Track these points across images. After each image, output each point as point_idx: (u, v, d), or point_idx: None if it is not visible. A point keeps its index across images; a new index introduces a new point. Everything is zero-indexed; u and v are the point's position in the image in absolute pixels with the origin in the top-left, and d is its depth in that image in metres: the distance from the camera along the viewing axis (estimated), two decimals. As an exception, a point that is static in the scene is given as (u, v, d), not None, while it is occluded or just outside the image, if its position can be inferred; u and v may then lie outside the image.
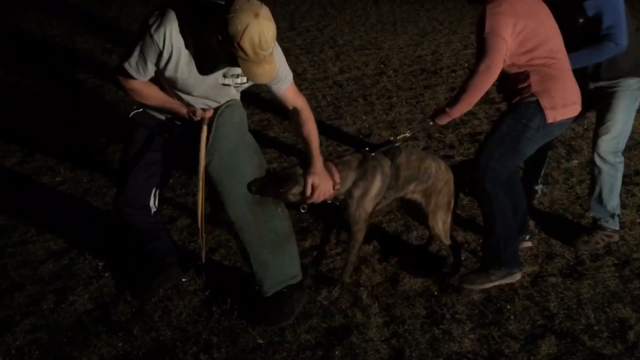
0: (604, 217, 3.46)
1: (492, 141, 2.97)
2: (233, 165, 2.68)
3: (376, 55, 7.66)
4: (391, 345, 2.78)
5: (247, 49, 2.22)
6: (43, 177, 4.43)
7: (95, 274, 3.30)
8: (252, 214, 2.75)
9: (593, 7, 3.07)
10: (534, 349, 2.71)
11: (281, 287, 2.89)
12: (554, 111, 2.87)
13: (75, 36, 8.41)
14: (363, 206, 3.00)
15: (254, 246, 2.80)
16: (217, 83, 2.57)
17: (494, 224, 3.02)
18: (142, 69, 2.47)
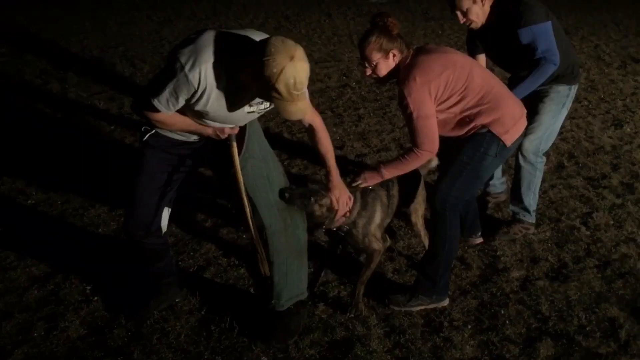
0: (521, 212, 3.70)
1: (452, 170, 2.98)
2: (265, 172, 2.78)
3: (337, 67, 7.73)
4: (395, 355, 2.81)
5: (281, 90, 2.24)
6: (14, 200, 4.28)
7: (84, 298, 3.21)
8: (282, 220, 2.83)
9: (527, 36, 3.26)
10: (533, 352, 2.80)
11: (295, 302, 2.93)
12: (509, 134, 2.92)
13: (26, 53, 8.18)
14: (370, 232, 3.09)
15: (281, 254, 2.87)
16: (244, 112, 2.59)
17: (442, 248, 3.04)
18: (172, 105, 2.46)
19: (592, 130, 5.36)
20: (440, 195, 2.98)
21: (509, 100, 2.99)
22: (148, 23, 10.27)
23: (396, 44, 2.85)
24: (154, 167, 2.78)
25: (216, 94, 2.43)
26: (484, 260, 3.52)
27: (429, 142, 2.85)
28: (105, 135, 5.53)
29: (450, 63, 2.85)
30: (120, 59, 8.03)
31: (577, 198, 4.18)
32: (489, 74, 3.01)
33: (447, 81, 2.81)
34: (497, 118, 2.89)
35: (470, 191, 3.14)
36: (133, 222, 2.84)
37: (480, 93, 2.89)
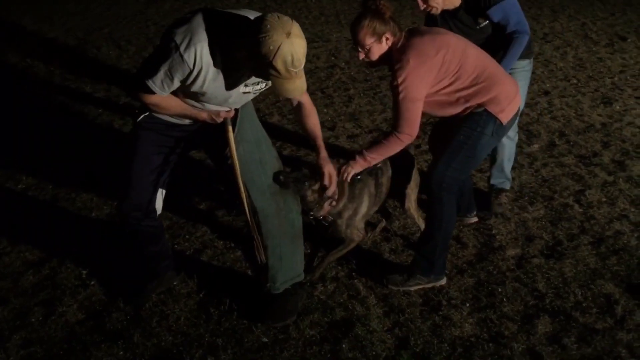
0: (504, 181, 3.90)
1: (449, 151, 2.97)
2: (257, 156, 2.76)
3: (325, 47, 7.68)
4: (395, 334, 2.83)
5: (279, 67, 2.20)
6: (4, 185, 4.22)
7: (81, 283, 3.20)
8: (275, 204, 2.81)
9: (499, 13, 3.32)
10: (531, 328, 2.82)
11: (290, 285, 2.92)
12: (504, 112, 2.92)
13: (9, 37, 8.04)
14: (354, 225, 3.14)
15: (274, 237, 2.85)
16: (239, 92, 2.56)
17: (438, 228, 3.05)
18: (167, 86, 2.42)
19: (581, 109, 5.38)
20: (437, 176, 2.98)
21: (504, 79, 2.98)
22: (133, 4, 10.12)
23: (389, 27, 2.82)
24: (147, 149, 2.75)
25: (212, 74, 2.40)
26: (479, 239, 3.54)
27: (410, 126, 2.84)
28: (93, 118, 5.46)
29: (443, 44, 2.82)
30: (106, 41, 7.92)
31: (569, 176, 4.20)
32: (483, 54, 2.99)
33: (441, 62, 2.79)
34: (492, 97, 2.89)
35: (466, 171, 3.14)
36: (127, 204, 2.81)
37: (474, 73, 2.88)
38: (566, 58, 6.88)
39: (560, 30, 8.11)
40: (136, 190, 2.78)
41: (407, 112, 2.80)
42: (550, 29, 8.19)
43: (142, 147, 2.74)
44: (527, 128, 5.01)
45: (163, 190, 2.86)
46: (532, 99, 5.60)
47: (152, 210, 2.86)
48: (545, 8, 9.36)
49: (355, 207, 3.11)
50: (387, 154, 2.96)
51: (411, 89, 2.76)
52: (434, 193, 3.01)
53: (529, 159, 4.47)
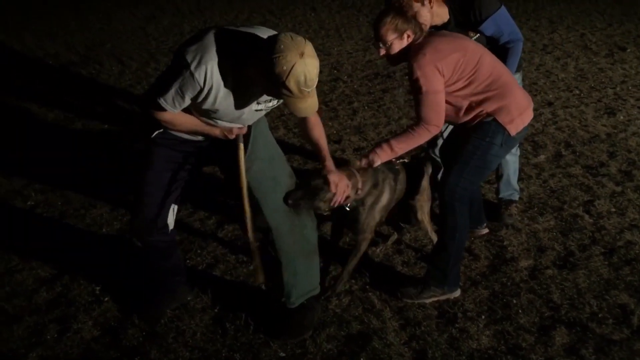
0: (512, 193, 3.92)
1: (459, 161, 2.99)
2: (270, 173, 2.75)
3: (327, 61, 7.72)
4: (412, 347, 2.82)
5: (292, 87, 2.21)
6: (13, 202, 4.22)
7: (94, 299, 3.18)
8: (289, 221, 2.81)
9: (491, 26, 3.38)
10: (549, 340, 2.82)
11: (305, 298, 2.92)
12: (514, 124, 2.93)
13: (12, 54, 8.06)
14: (373, 215, 3.11)
15: (289, 254, 2.84)
16: (252, 110, 2.57)
17: (452, 239, 3.05)
18: (178, 104, 2.44)
19: (585, 119, 5.42)
20: (448, 186, 2.99)
21: (516, 90, 3.00)
22: (132, 20, 10.18)
23: (411, 26, 2.88)
24: (160, 165, 2.75)
25: (223, 92, 2.41)
26: (491, 250, 3.54)
27: (437, 117, 2.86)
28: (99, 134, 5.47)
29: (461, 47, 2.87)
30: (108, 57, 7.95)
31: (577, 186, 4.22)
32: (499, 63, 3.02)
33: (456, 63, 2.83)
34: (502, 106, 2.91)
35: (477, 181, 3.16)
36: (139, 220, 2.81)
37: (488, 80, 2.90)
38: (567, 69, 6.94)
39: (560, 41, 8.18)
40: (148, 206, 2.77)
41: (432, 103, 2.83)
42: (549, 40, 8.26)
43: (155, 162, 2.74)
44: (532, 139, 5.03)
45: (175, 205, 2.85)
46: (536, 110, 5.63)
47: (164, 225, 2.85)
48: (543, 19, 9.45)
49: (377, 195, 3.10)
50: (414, 144, 2.97)
51: (430, 81, 2.79)
52: (446, 203, 3.03)
53: (536, 170, 4.49)
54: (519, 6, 10.28)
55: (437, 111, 2.86)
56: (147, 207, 2.78)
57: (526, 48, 7.79)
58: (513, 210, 3.87)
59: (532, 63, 7.14)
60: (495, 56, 3.23)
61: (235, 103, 2.48)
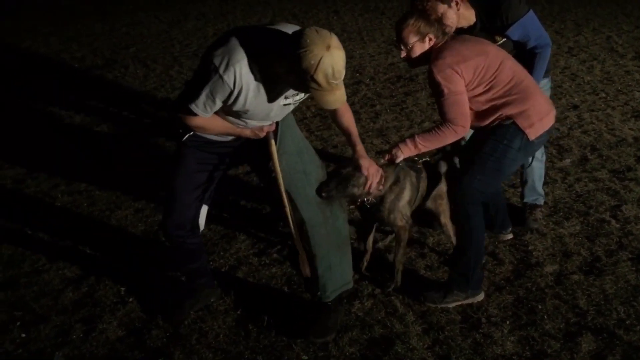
0: (537, 198, 3.86)
1: (475, 162, 2.96)
2: (301, 167, 2.77)
3: (349, 64, 7.64)
4: (436, 352, 2.80)
5: (320, 81, 2.23)
6: (41, 202, 4.28)
7: (120, 300, 3.21)
8: (322, 213, 2.82)
9: (518, 30, 3.30)
10: (575, 347, 2.78)
11: (340, 292, 2.97)
12: (533, 128, 2.89)
13: (39, 57, 8.20)
14: (398, 209, 3.13)
15: (322, 247, 2.85)
16: (280, 105, 2.58)
17: (469, 243, 3.04)
18: (210, 108, 2.46)
19: (612, 123, 5.34)
20: (462, 188, 2.98)
21: (537, 95, 2.96)
22: (156, 24, 10.27)
23: (433, 29, 2.88)
24: (191, 167, 2.78)
25: (253, 91, 2.42)
26: (515, 255, 3.51)
27: (462, 117, 2.86)
28: (124, 137, 5.53)
29: (482, 51, 2.86)
30: (133, 60, 8.04)
31: (603, 191, 4.16)
32: (520, 68, 2.99)
33: (476, 67, 2.82)
34: (522, 110, 2.88)
35: (492, 185, 3.10)
36: (171, 222, 2.83)
37: (509, 84, 2.88)
38: (593, 72, 6.84)
39: (586, 43, 8.07)
40: (180, 208, 2.80)
41: (456, 104, 2.83)
42: (575, 42, 8.16)
43: (186, 164, 2.77)
44: (557, 143, 4.98)
45: (206, 206, 2.88)
46: (562, 113, 5.57)
47: (195, 226, 2.89)
48: (569, 22, 9.34)
49: (398, 192, 3.11)
50: (440, 144, 2.97)
51: (451, 83, 2.79)
52: (459, 206, 3.03)
53: (561, 174, 4.43)
54: (544, 9, 10.17)
55: (461, 112, 2.86)
56: (178, 209, 2.81)
57: (551, 51, 7.69)
58: (538, 214, 3.83)
59: (557, 66, 7.06)
60: (522, 61, 3.19)
61: (264, 101, 2.50)
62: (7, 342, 2.92)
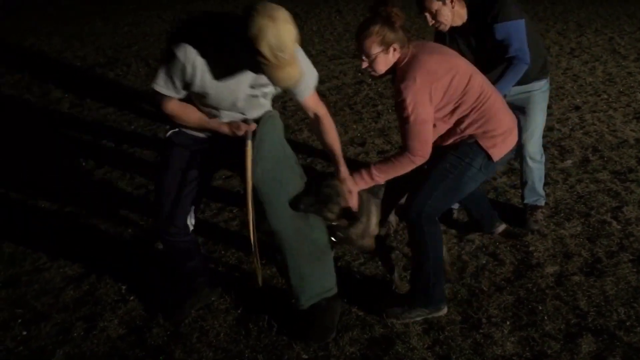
0: (538, 199, 3.85)
1: (431, 179, 2.82)
2: (277, 176, 2.69)
3: (352, 64, 7.71)
4: (436, 352, 2.81)
5: (266, 52, 2.21)
6: (41, 202, 4.29)
7: (121, 298, 3.22)
8: (294, 225, 2.75)
9: (502, 31, 3.26)
10: (575, 348, 2.78)
11: (318, 300, 2.90)
12: (496, 148, 2.79)
13: (40, 56, 8.20)
14: (367, 236, 2.99)
15: (294, 258, 2.81)
16: (246, 95, 2.58)
17: (426, 260, 2.90)
18: (171, 85, 2.50)
19: (614, 124, 5.33)
20: (415, 205, 2.83)
21: (503, 113, 2.85)
22: (159, 23, 10.28)
23: (398, 37, 2.67)
24: (177, 165, 2.77)
25: (209, 72, 2.44)
26: (516, 256, 3.51)
27: (423, 147, 2.71)
28: (127, 136, 5.53)
29: (452, 67, 2.70)
30: (135, 59, 8.05)
31: (605, 192, 4.16)
32: (487, 83, 2.85)
33: (447, 87, 2.67)
34: (486, 130, 2.77)
35: (448, 203, 2.99)
36: (160, 221, 2.83)
37: (476, 102, 2.75)
38: (595, 73, 6.84)
39: (588, 45, 8.07)
40: (167, 207, 2.79)
41: (420, 133, 2.67)
42: (577, 43, 8.15)
43: (171, 163, 2.77)
44: (559, 144, 4.98)
45: (194, 205, 2.87)
46: (563, 114, 5.58)
47: (184, 226, 2.86)
48: (571, 23, 9.33)
49: (367, 219, 2.94)
50: (396, 174, 2.80)
51: (420, 110, 2.62)
52: (413, 223, 2.87)
53: (562, 175, 4.43)
54: (546, 9, 10.18)
55: (424, 141, 2.70)
56: (165, 208, 2.80)
57: (553, 52, 7.72)
58: (539, 215, 3.83)
59: (559, 67, 7.06)
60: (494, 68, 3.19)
61: (224, 85, 2.50)
62: (8, 339, 2.93)
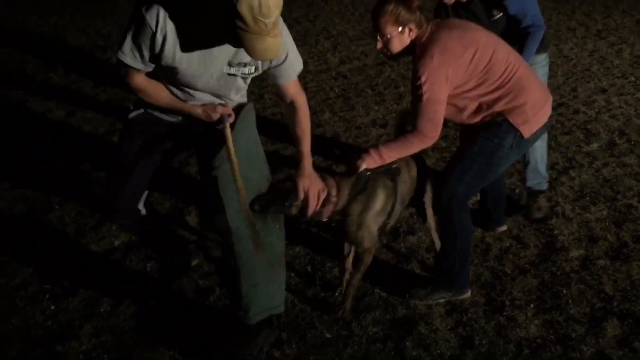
0: (541, 182, 3.69)
1: (462, 162, 2.77)
2: (244, 174, 2.46)
3: (373, 45, 7.60)
4: (459, 334, 2.81)
5: (245, 15, 1.97)
6: (67, 175, 4.34)
7: (145, 274, 3.27)
8: (252, 226, 2.52)
9: (516, 4, 3.21)
10: (600, 331, 2.77)
11: (266, 316, 2.67)
12: (527, 125, 2.69)
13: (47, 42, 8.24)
14: (365, 224, 2.77)
15: (248, 262, 2.56)
16: (223, 73, 2.37)
17: (454, 245, 2.88)
18: (137, 55, 2.25)
19: (636, 109, 5.25)
20: (448, 190, 2.79)
21: (533, 85, 2.73)
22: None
23: (414, 17, 2.59)
24: (134, 151, 2.60)
25: (181, 43, 2.22)
26: (540, 239, 3.48)
27: (434, 128, 2.64)
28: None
29: (473, 42, 2.60)
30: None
31: (632, 176, 4.10)
32: (514, 54, 2.74)
33: (467, 63, 2.58)
34: (516, 106, 2.66)
35: (480, 186, 2.93)
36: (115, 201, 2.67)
37: (502, 76, 2.65)
38: (622, 55, 6.72)
39: (615, 26, 7.92)
40: (123, 188, 2.63)
41: (432, 113, 2.60)
42: (603, 25, 8.01)
43: (131, 144, 2.61)
44: (585, 127, 4.91)
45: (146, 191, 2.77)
46: (589, 97, 5.50)
47: (135, 210, 2.75)
48: (598, 4, 9.15)
49: (365, 203, 2.75)
50: (405, 153, 2.76)
51: (436, 90, 2.55)
52: (444, 209, 2.84)
53: (588, 159, 4.38)
54: (572, -10, 9.99)
55: (435, 123, 2.63)
56: (121, 189, 2.64)
57: (579, 33, 7.60)
58: (542, 202, 3.66)
59: (586, 49, 6.95)
60: (512, 40, 3.04)
61: (198, 60, 2.28)
62: (37, 313, 2.98)
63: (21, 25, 8.69)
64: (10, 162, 4.60)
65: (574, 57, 6.73)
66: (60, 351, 2.73)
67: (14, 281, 3.22)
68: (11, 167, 4.52)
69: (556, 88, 5.71)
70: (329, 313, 2.92)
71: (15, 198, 4.06)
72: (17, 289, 3.16)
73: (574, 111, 5.18)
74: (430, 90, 2.55)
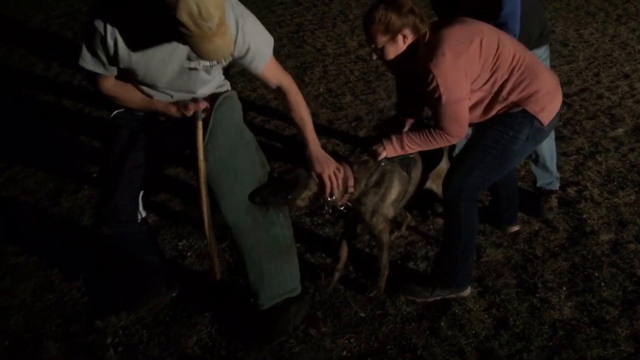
0: (552, 181, 3.61)
1: (473, 155, 2.63)
2: (232, 165, 2.44)
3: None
4: (493, 314, 2.83)
5: (186, 22, 1.96)
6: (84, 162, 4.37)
7: (178, 254, 3.30)
8: (251, 219, 2.51)
9: None
10: (634, 314, 2.78)
11: (279, 300, 2.69)
12: (545, 111, 2.55)
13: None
14: (381, 213, 2.77)
15: (252, 254, 2.58)
16: (184, 68, 2.32)
17: (457, 242, 2.76)
18: (96, 61, 2.26)
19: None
20: (455, 184, 2.66)
21: (543, 71, 2.61)
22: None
23: (407, 22, 2.43)
24: (121, 148, 2.53)
25: (133, 43, 2.21)
26: (570, 223, 3.48)
27: (459, 127, 2.53)
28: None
29: (477, 31, 2.47)
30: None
31: (659, 161, 4.10)
32: (516, 43, 2.61)
33: (478, 51, 2.44)
34: (532, 92, 2.52)
35: (490, 181, 2.79)
36: (106, 209, 2.55)
37: (512, 63, 2.51)
38: (644, 40, 6.67)
39: (635, 11, 7.83)
40: (114, 193, 2.52)
41: (454, 114, 2.48)
42: (623, 10, 7.92)
43: (117, 146, 2.53)
44: (609, 112, 4.88)
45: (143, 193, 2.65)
46: (612, 82, 5.46)
47: (131, 214, 2.61)
48: (617, -11, 9.06)
49: (382, 193, 2.73)
50: (428, 147, 2.65)
51: (454, 89, 2.41)
52: (450, 203, 2.72)
53: (614, 144, 4.36)
54: (590, -25, 9.89)
55: (459, 122, 2.52)
56: (110, 193, 2.53)
57: (599, 19, 7.53)
58: (554, 202, 3.56)
59: (606, 34, 6.89)
60: None
61: (154, 59, 2.26)
62: (74, 290, 3.03)
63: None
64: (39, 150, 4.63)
65: (594, 42, 6.68)
66: (100, 326, 2.77)
67: (48, 259, 3.24)
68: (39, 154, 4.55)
69: (578, 73, 5.68)
70: (363, 293, 2.94)
71: (44, 178, 4.10)
72: (51, 266, 3.19)
73: (598, 96, 5.15)
74: (448, 91, 2.41)
